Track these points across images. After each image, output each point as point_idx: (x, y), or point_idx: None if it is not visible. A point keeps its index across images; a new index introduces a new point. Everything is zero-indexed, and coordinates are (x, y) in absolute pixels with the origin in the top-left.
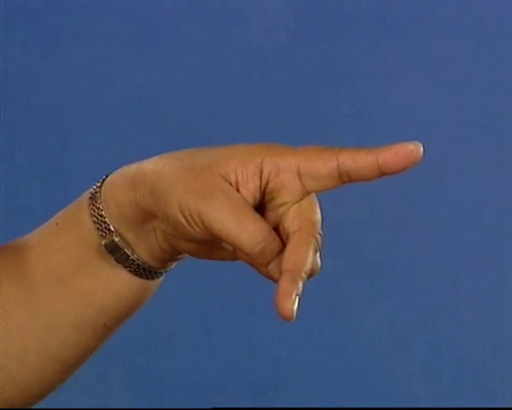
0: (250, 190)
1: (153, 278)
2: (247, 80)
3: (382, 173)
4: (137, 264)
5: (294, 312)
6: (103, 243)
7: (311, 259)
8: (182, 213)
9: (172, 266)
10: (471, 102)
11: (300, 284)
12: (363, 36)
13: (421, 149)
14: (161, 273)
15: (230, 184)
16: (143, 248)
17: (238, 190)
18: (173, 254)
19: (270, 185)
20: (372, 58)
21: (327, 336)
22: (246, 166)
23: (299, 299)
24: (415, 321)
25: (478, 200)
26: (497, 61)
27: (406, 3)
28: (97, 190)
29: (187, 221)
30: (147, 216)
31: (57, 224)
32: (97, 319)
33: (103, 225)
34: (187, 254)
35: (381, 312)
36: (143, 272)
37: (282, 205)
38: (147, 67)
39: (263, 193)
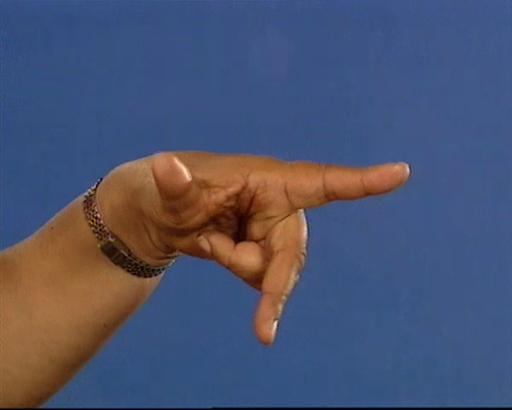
0: (227, 194)
1: (151, 276)
2: (250, 110)
3: (368, 193)
4: (135, 263)
5: (272, 336)
6: (99, 245)
7: (293, 280)
8: (154, 210)
9: (170, 264)
10: (473, 131)
11: (280, 307)
12: (366, 66)
13: (408, 169)
14: (159, 271)
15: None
16: (139, 248)
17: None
18: (169, 252)
19: (257, 200)
20: (374, 88)
21: (329, 367)
22: (231, 175)
23: (278, 322)
24: (419, 354)
25: (481, 235)
26: (498, 91)
27: (409, 33)
28: (92, 193)
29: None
30: (138, 216)
31: (52, 228)
32: (97, 320)
33: (99, 228)
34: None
35: (384, 344)
36: (141, 270)
37: (269, 218)
38: (150, 98)
39: (250, 203)
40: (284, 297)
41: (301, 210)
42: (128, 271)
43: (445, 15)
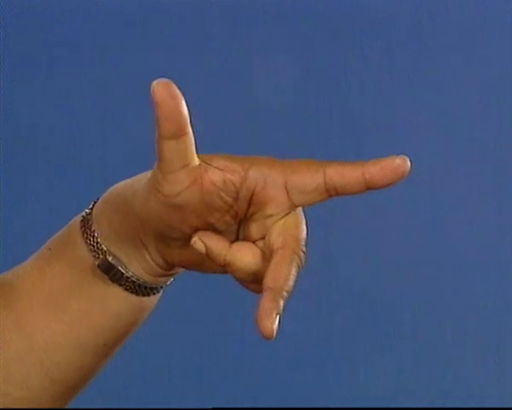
0: (225, 179)
1: (149, 295)
2: (255, 136)
3: (369, 188)
4: (132, 281)
5: (274, 331)
6: (97, 263)
7: (294, 277)
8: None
9: (168, 282)
10: (476, 153)
11: (281, 303)
12: (370, 91)
13: (408, 163)
14: (157, 290)
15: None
16: (137, 265)
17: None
18: (167, 269)
19: (256, 197)
20: (379, 112)
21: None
22: (231, 162)
23: (280, 317)
24: (420, 373)
25: (484, 256)
26: (500, 111)
27: (411, 57)
28: (89, 212)
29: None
30: (136, 230)
31: (50, 249)
32: (96, 340)
33: (96, 246)
34: (181, 269)
35: (386, 364)
36: (139, 289)
37: (268, 217)
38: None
39: (249, 202)
40: (285, 293)
41: (300, 208)
42: (126, 289)
43: (449, 35)
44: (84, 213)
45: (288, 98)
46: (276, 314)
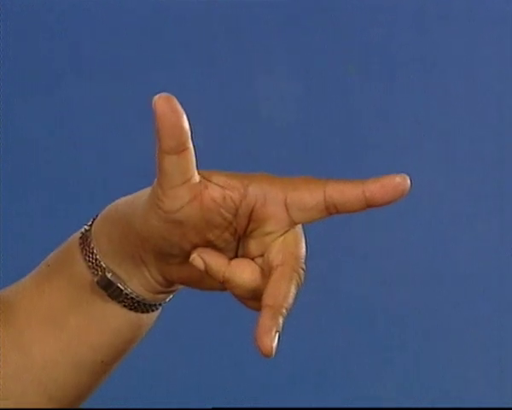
0: (225, 197)
1: (148, 312)
2: (257, 152)
3: (369, 206)
4: (131, 298)
5: (274, 348)
6: (96, 280)
7: (293, 294)
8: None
9: (167, 299)
10: (477, 168)
11: (280, 320)
12: (373, 108)
13: (408, 181)
14: (156, 307)
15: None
16: (136, 282)
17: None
18: (166, 286)
19: (256, 214)
20: (382, 129)
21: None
22: (230, 178)
23: (279, 335)
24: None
25: (488, 277)
26: (503, 131)
27: (415, 73)
28: (88, 229)
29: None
30: (136, 247)
31: (48, 265)
32: (94, 357)
33: (95, 262)
34: (180, 286)
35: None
36: (138, 305)
37: (267, 234)
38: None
39: (249, 219)
40: (284, 310)
41: (299, 226)
42: (124, 306)
43: (451, 50)
44: (83, 230)
45: (290, 115)
46: (276, 332)
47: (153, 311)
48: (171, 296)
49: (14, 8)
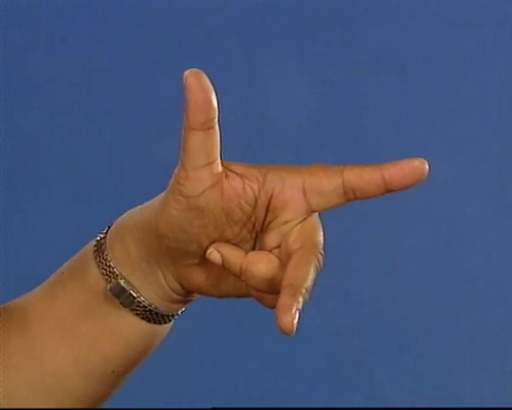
0: (245, 185)
1: (160, 323)
2: (268, 156)
3: (388, 190)
4: (144, 306)
5: (294, 326)
6: (108, 287)
7: (312, 276)
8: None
9: (180, 312)
10: (493, 178)
11: (301, 299)
12: (385, 115)
13: (427, 165)
14: (169, 318)
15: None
16: (150, 290)
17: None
18: (181, 294)
19: (274, 202)
20: (395, 137)
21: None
22: (249, 168)
23: (300, 314)
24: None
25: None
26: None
27: (426, 78)
28: (102, 237)
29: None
30: (151, 252)
31: (62, 273)
32: (105, 367)
33: (108, 269)
34: (196, 295)
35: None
36: (150, 315)
37: (285, 223)
38: (168, 146)
39: (267, 209)
40: (304, 290)
41: (316, 215)
42: (137, 315)
43: (461, 62)
44: (97, 239)
45: (301, 119)
46: (296, 310)
47: (165, 322)
48: (183, 309)
49: (17, 14)
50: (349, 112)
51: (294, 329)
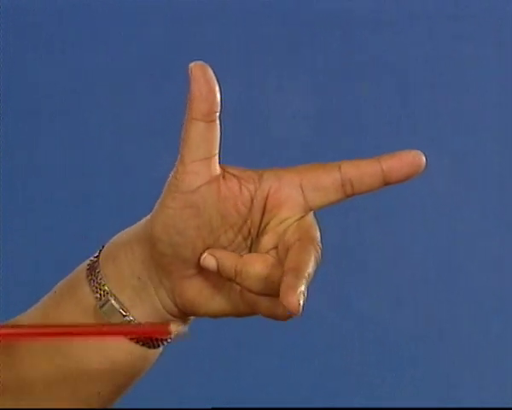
0: (242, 186)
1: (149, 346)
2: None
3: (386, 181)
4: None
5: (301, 305)
6: (98, 305)
7: (313, 264)
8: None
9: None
10: (495, 190)
11: (304, 282)
12: (385, 126)
13: (424, 158)
14: (158, 342)
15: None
16: (141, 309)
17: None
18: (175, 314)
19: (271, 200)
20: (395, 147)
21: None
22: (245, 170)
23: (304, 296)
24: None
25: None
26: None
27: (428, 91)
28: (95, 259)
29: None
30: (144, 267)
31: (55, 292)
32: (91, 388)
33: (98, 287)
34: (188, 319)
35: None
36: (139, 337)
37: (282, 222)
38: (164, 159)
39: (263, 209)
40: (307, 275)
41: (312, 214)
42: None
43: (462, 69)
44: (90, 260)
45: (302, 133)
46: (301, 291)
47: (154, 347)
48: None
49: (18, 16)
50: (349, 122)
51: (301, 309)
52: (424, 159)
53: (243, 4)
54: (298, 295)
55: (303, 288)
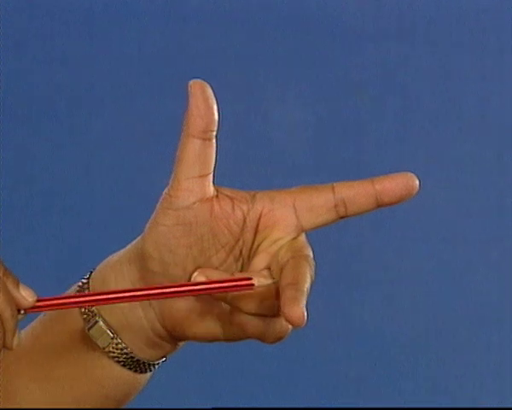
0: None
1: (137, 371)
2: (270, 181)
3: (379, 203)
4: (121, 349)
5: (304, 315)
6: (86, 326)
7: (309, 279)
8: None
9: (159, 362)
10: (491, 206)
11: (304, 295)
12: (386, 138)
13: (417, 181)
14: (146, 367)
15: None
16: (129, 331)
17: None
18: (163, 337)
19: (264, 221)
20: (393, 158)
21: None
22: (238, 191)
23: (306, 309)
24: None
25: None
26: None
27: (429, 102)
28: (85, 282)
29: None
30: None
31: (45, 314)
32: None
33: (87, 308)
34: (176, 344)
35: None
36: (127, 360)
37: (274, 242)
38: (164, 168)
39: (255, 233)
40: (305, 289)
41: (304, 235)
42: (113, 357)
43: (469, 85)
44: (80, 283)
45: (303, 144)
46: (303, 304)
47: (142, 371)
48: (163, 359)
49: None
50: (349, 135)
51: (305, 319)
52: (418, 182)
53: (244, 14)
54: (300, 306)
55: (304, 301)
